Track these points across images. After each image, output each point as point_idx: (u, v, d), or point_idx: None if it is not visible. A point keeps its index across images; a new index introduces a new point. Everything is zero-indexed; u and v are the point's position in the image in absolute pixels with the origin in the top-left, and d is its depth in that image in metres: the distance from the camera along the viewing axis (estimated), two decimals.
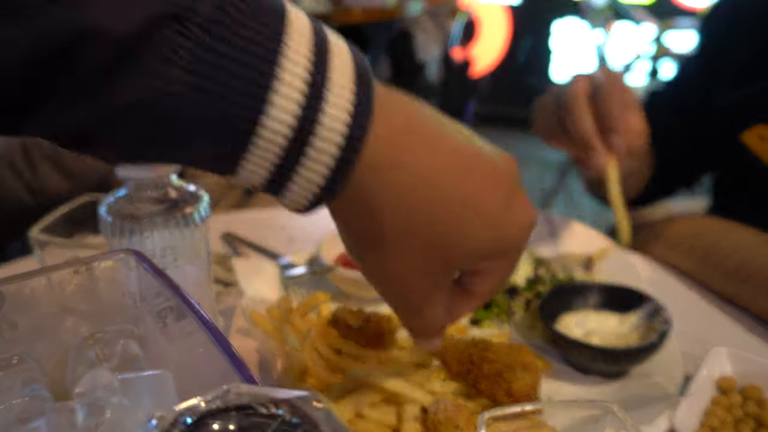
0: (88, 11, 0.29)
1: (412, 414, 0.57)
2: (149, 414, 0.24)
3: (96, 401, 0.36)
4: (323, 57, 0.35)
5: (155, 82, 0.31)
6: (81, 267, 0.44)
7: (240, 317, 0.73)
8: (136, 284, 0.45)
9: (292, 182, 0.37)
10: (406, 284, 0.44)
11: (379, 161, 0.38)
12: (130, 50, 0.30)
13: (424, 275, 0.44)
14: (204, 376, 0.39)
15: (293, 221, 1.08)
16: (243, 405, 0.23)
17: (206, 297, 0.65)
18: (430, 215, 0.41)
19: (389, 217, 0.40)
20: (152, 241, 0.56)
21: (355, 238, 0.43)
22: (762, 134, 0.92)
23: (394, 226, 0.40)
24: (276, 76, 0.33)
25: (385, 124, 0.38)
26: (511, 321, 0.77)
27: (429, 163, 0.40)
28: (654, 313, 0.69)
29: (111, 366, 0.40)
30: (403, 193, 0.40)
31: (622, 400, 0.63)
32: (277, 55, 0.33)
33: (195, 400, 0.23)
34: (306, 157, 0.36)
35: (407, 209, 0.40)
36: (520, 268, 0.80)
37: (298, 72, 0.34)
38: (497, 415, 0.45)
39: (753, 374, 0.62)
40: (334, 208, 0.41)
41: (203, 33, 0.31)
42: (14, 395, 0.37)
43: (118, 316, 0.45)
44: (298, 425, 0.23)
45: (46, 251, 0.67)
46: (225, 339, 0.37)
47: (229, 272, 0.86)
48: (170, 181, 0.58)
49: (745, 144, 0.93)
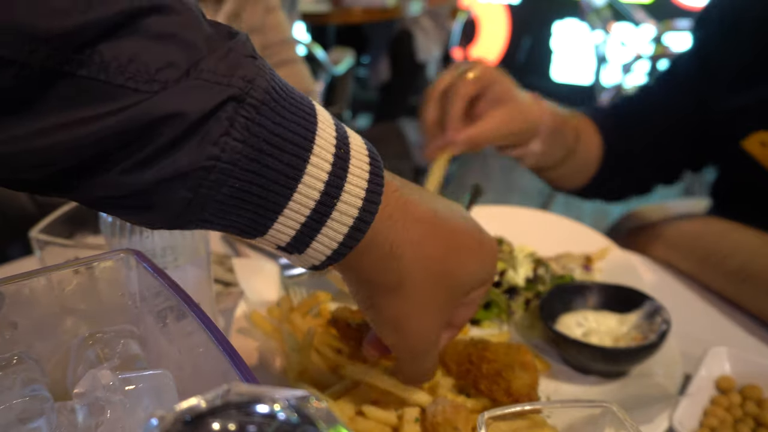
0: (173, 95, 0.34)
1: (412, 415, 0.57)
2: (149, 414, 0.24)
3: (96, 401, 0.36)
4: (344, 137, 0.42)
5: (214, 149, 0.36)
6: (81, 267, 0.44)
7: (240, 317, 0.73)
8: (136, 284, 0.46)
9: (318, 235, 0.42)
10: (419, 324, 0.50)
11: (394, 208, 0.45)
12: (200, 126, 0.36)
13: (433, 312, 0.50)
14: (204, 376, 0.39)
15: None
16: (243, 405, 0.23)
17: (206, 297, 0.65)
18: (439, 257, 0.48)
19: (406, 260, 0.46)
20: (152, 241, 0.56)
21: (372, 289, 0.48)
22: (763, 140, 0.92)
23: (411, 268, 0.47)
24: (312, 151, 0.40)
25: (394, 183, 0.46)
26: (511, 321, 0.77)
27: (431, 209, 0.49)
28: (653, 313, 0.69)
29: (111, 366, 0.40)
30: (416, 233, 0.47)
31: (621, 400, 0.63)
32: (314, 133, 0.40)
33: (195, 400, 0.23)
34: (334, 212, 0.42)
35: (422, 251, 0.47)
36: (520, 267, 0.80)
37: (327, 147, 0.40)
38: (497, 415, 0.45)
39: (752, 374, 0.62)
40: (351, 264, 0.46)
41: (256, 112, 0.37)
42: (14, 395, 0.37)
43: (118, 316, 0.45)
44: (298, 425, 0.23)
45: (46, 251, 0.67)
46: (225, 339, 0.37)
47: (229, 272, 0.86)
48: None
49: (746, 150, 0.93)
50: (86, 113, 0.33)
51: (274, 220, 0.40)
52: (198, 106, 0.35)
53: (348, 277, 0.49)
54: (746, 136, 0.93)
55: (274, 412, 0.23)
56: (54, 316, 0.45)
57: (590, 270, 0.84)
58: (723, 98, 0.97)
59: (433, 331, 0.51)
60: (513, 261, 0.80)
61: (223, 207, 0.38)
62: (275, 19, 1.34)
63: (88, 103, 0.33)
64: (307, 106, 0.40)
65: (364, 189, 0.42)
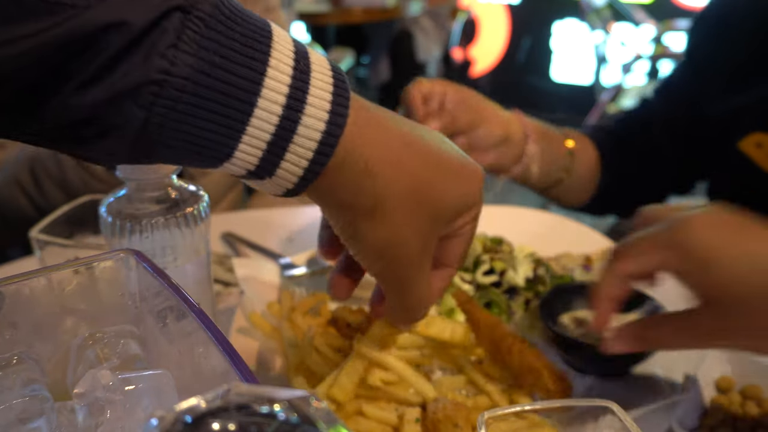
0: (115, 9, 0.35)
1: (413, 415, 0.57)
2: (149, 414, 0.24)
3: (96, 401, 0.36)
4: (303, 52, 0.42)
5: (163, 62, 0.36)
6: (81, 267, 0.44)
7: (240, 317, 0.73)
8: (136, 284, 0.45)
9: (286, 153, 0.41)
10: (402, 250, 0.47)
11: (363, 123, 0.44)
12: (144, 37, 0.35)
13: (416, 238, 0.47)
14: (204, 376, 0.39)
15: (293, 221, 1.08)
16: (243, 405, 0.23)
17: (206, 297, 0.65)
18: (417, 175, 0.46)
19: (382, 179, 0.44)
20: (152, 241, 0.56)
21: (348, 216, 0.46)
22: (759, 141, 0.92)
23: (387, 187, 0.45)
24: (268, 63, 0.39)
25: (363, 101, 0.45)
26: (511, 321, 0.77)
27: (406, 129, 0.47)
28: (653, 313, 0.69)
29: (111, 366, 0.40)
30: (391, 151, 0.45)
31: (621, 400, 0.63)
32: (269, 47, 0.39)
33: (195, 400, 0.23)
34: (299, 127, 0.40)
35: (399, 169, 0.45)
36: (520, 267, 0.80)
37: (285, 60, 0.40)
38: (497, 415, 0.45)
39: (752, 374, 0.62)
40: (325, 186, 0.44)
41: (204, 25, 0.37)
42: (14, 395, 0.37)
43: (118, 316, 0.45)
44: (298, 425, 0.23)
45: (46, 251, 0.67)
46: (225, 339, 0.37)
47: (229, 272, 0.86)
48: (170, 181, 0.58)
49: (742, 152, 0.94)
50: (27, 29, 0.34)
51: (238, 139, 0.39)
52: (140, 15, 0.35)
53: (325, 204, 0.47)
54: (742, 138, 0.93)
55: (274, 412, 0.23)
56: (54, 316, 0.45)
57: (590, 270, 0.84)
58: (718, 100, 0.97)
59: (418, 257, 0.48)
60: (513, 261, 0.81)
61: (183, 128, 0.38)
62: (275, 19, 1.34)
63: (27, 19, 0.34)
64: (261, 22, 0.40)
65: (328, 101, 0.41)
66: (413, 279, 0.49)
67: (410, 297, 0.51)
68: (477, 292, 0.79)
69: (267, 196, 1.30)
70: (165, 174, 0.57)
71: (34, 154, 1.08)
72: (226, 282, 0.85)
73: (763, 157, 0.92)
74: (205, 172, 1.26)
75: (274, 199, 1.28)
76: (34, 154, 1.07)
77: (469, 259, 0.83)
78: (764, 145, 0.91)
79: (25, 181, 1.08)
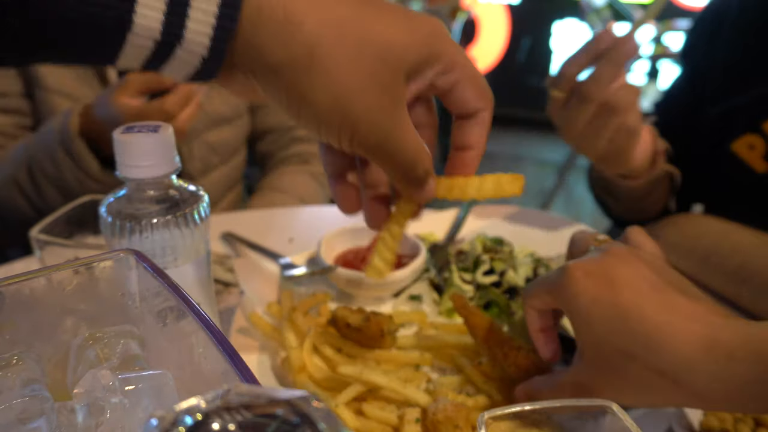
0: None
1: (413, 415, 0.57)
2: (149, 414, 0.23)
3: (96, 401, 0.36)
4: None
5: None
6: (81, 267, 0.44)
7: (240, 317, 0.73)
8: (136, 284, 0.45)
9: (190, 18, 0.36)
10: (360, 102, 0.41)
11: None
12: None
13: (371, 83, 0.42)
14: (204, 376, 0.39)
15: (293, 221, 1.08)
16: (243, 405, 0.23)
17: (206, 297, 0.65)
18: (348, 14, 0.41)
19: (309, 24, 0.39)
20: (152, 241, 0.56)
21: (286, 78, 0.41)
22: (751, 143, 0.92)
23: (316, 32, 0.40)
24: None
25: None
26: (511, 321, 0.77)
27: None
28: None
29: (111, 366, 0.40)
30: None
31: None
32: None
33: (195, 400, 0.23)
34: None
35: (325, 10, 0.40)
36: (520, 267, 0.80)
37: None
38: (496, 415, 0.45)
39: None
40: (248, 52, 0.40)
41: None
42: (14, 395, 0.37)
43: (118, 316, 0.45)
44: (298, 425, 0.23)
45: (46, 251, 0.67)
46: (225, 339, 0.37)
47: (229, 272, 0.86)
48: (170, 181, 0.58)
49: (735, 153, 0.94)
50: None
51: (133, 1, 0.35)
52: None
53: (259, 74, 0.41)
54: (735, 140, 0.94)
55: (274, 412, 0.23)
56: (54, 316, 0.44)
57: None
58: (713, 101, 0.97)
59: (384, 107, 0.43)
60: (513, 261, 0.81)
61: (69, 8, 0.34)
62: None
63: None
64: None
65: None
66: (391, 134, 0.44)
67: (399, 156, 0.45)
68: (477, 292, 0.79)
69: (266, 196, 1.29)
70: (165, 174, 0.57)
71: (31, 154, 1.07)
72: (226, 282, 0.85)
73: (755, 158, 0.92)
74: (205, 173, 1.26)
75: (274, 199, 1.28)
76: (32, 153, 1.07)
77: (469, 259, 0.83)
78: (756, 146, 0.92)
79: (22, 180, 1.08)
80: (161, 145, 0.55)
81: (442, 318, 0.78)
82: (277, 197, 1.29)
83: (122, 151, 0.55)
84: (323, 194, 1.35)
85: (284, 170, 1.35)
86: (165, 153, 0.56)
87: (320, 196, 1.34)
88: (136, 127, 0.56)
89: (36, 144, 1.07)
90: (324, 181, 1.37)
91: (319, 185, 1.35)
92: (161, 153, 0.55)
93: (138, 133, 0.55)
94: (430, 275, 0.82)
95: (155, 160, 0.55)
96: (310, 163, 1.36)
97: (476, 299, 0.78)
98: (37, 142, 1.07)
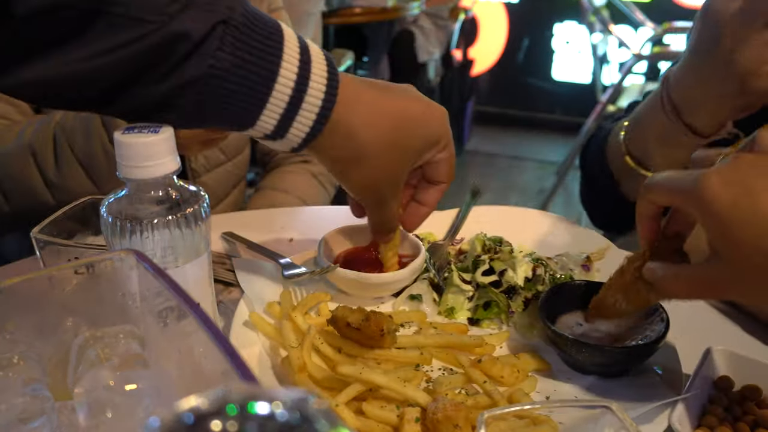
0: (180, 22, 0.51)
1: (413, 415, 0.57)
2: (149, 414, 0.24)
3: (96, 401, 0.37)
4: (305, 46, 0.59)
5: (212, 61, 0.53)
6: (81, 267, 0.44)
7: (240, 317, 0.73)
8: (136, 284, 0.46)
9: (294, 122, 0.59)
10: (379, 184, 0.67)
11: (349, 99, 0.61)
12: (201, 44, 0.52)
13: (389, 175, 0.67)
14: (204, 376, 0.39)
15: (293, 221, 1.08)
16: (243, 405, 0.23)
17: (206, 297, 0.65)
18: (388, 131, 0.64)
19: (362, 138, 0.63)
20: (152, 241, 0.56)
21: (339, 165, 0.66)
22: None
23: (366, 144, 0.63)
24: (282, 57, 0.57)
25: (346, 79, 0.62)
26: (511, 321, 0.77)
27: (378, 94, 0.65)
28: (652, 312, 0.69)
29: (111, 366, 0.40)
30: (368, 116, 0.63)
31: (621, 400, 0.63)
32: (282, 44, 0.57)
33: (195, 400, 0.23)
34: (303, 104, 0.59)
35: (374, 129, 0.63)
36: (519, 267, 0.80)
37: (293, 54, 0.58)
38: (496, 414, 0.45)
39: (751, 374, 0.62)
40: (321, 146, 0.62)
41: (239, 31, 0.54)
42: (15, 395, 0.37)
43: (119, 316, 0.46)
44: (298, 425, 0.23)
45: (46, 251, 0.67)
46: (225, 339, 0.37)
47: (229, 272, 0.86)
48: (171, 181, 0.58)
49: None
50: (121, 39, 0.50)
51: (261, 111, 0.57)
52: (198, 28, 0.52)
53: (322, 158, 0.65)
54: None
55: (274, 412, 0.23)
56: (55, 315, 0.45)
57: (589, 270, 0.84)
58: None
59: (390, 187, 0.68)
60: (512, 261, 0.81)
61: (224, 106, 0.55)
62: (279, 17, 1.34)
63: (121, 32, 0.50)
64: (274, 23, 0.57)
65: (324, 84, 0.59)
66: (387, 201, 0.69)
67: (385, 213, 0.71)
68: (476, 292, 0.79)
69: (267, 196, 1.30)
70: (165, 175, 0.57)
71: (62, 124, 1.03)
72: (226, 282, 0.85)
73: None
74: (209, 170, 1.26)
75: (274, 199, 1.28)
76: (63, 123, 1.03)
77: (468, 259, 0.83)
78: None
79: (44, 155, 1.04)
80: (162, 146, 0.55)
81: (442, 317, 0.78)
82: (278, 197, 1.29)
83: (123, 151, 0.55)
84: (324, 194, 1.35)
85: (285, 170, 1.35)
86: (166, 154, 0.56)
87: (321, 196, 1.34)
88: (136, 128, 0.56)
89: (70, 114, 1.04)
90: (324, 181, 1.37)
91: (319, 185, 1.35)
92: (162, 154, 0.55)
93: (139, 134, 0.55)
94: (429, 275, 0.82)
95: (156, 161, 0.55)
96: (311, 163, 1.36)
97: (476, 299, 0.79)
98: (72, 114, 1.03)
